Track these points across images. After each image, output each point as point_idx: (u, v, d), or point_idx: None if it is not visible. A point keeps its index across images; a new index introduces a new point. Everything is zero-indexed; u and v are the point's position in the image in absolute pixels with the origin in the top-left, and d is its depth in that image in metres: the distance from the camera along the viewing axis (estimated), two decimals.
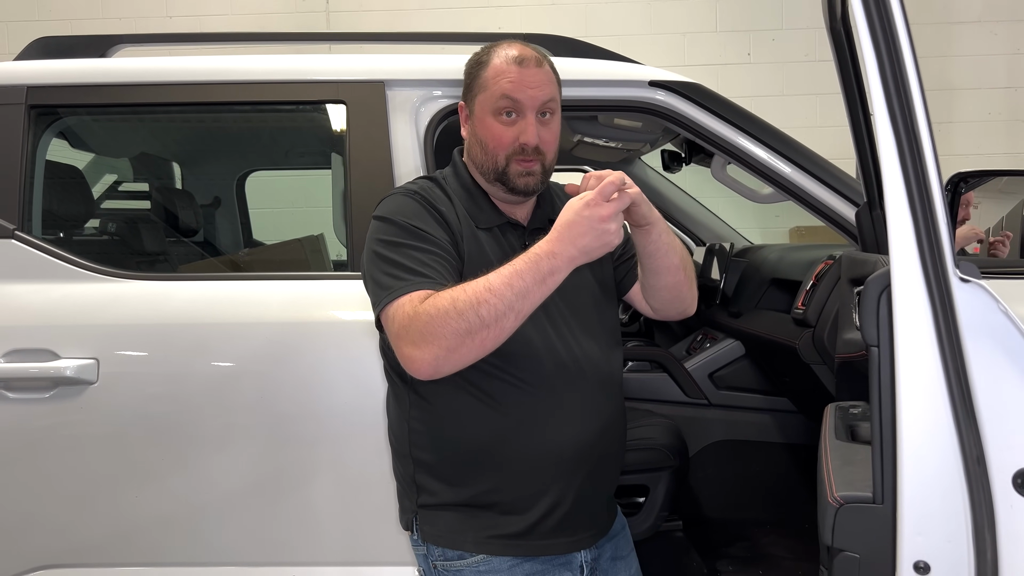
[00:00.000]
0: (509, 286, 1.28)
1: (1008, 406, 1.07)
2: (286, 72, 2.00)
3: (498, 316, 1.27)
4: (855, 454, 1.30)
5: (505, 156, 1.49)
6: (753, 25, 5.60)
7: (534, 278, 1.28)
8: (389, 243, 1.43)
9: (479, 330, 1.27)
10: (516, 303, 1.28)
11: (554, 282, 1.31)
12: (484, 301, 1.27)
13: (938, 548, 1.08)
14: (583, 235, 1.29)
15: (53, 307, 1.82)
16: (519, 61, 1.49)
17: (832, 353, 1.89)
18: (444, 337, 1.28)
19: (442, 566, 1.50)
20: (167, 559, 1.83)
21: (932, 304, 1.06)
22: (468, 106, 1.56)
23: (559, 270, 1.30)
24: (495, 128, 1.49)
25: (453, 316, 1.27)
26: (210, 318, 1.83)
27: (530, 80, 1.48)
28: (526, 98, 1.48)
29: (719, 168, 2.27)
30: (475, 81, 1.53)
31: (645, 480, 2.34)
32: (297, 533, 1.82)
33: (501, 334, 1.30)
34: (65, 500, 1.81)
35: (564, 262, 1.30)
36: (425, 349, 1.29)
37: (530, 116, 1.49)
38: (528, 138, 1.48)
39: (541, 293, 1.30)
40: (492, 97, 1.48)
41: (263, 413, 1.80)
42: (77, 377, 1.76)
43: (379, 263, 1.42)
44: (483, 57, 1.54)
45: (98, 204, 2.71)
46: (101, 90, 1.99)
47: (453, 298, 1.29)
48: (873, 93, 1.08)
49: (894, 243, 1.08)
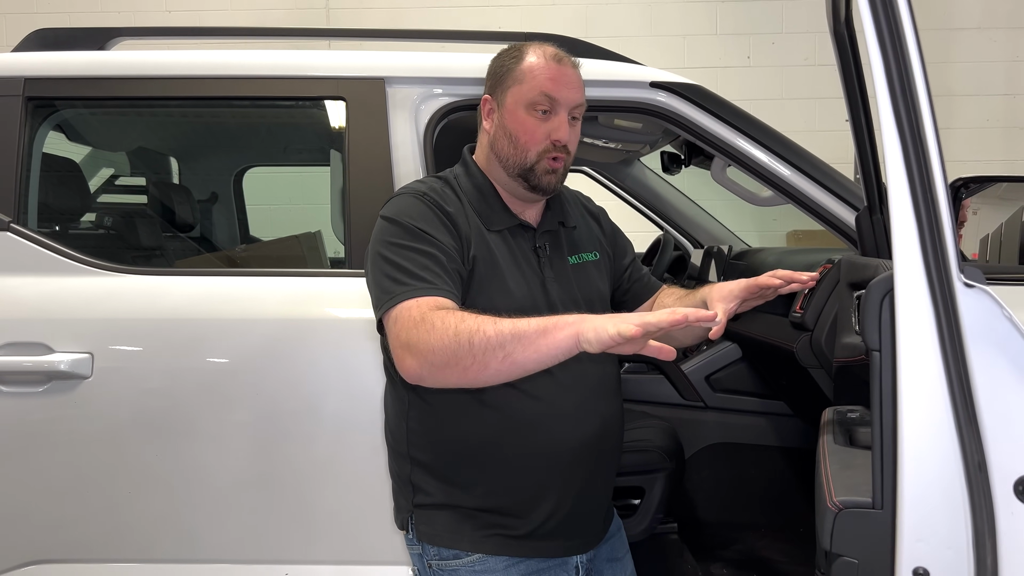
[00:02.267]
0: (513, 326, 1.24)
1: (1010, 412, 1.07)
2: (286, 68, 1.99)
3: (485, 350, 1.24)
4: (854, 458, 1.29)
5: (537, 152, 1.49)
6: (753, 28, 5.60)
7: (537, 329, 1.23)
8: (394, 245, 1.41)
9: (465, 358, 1.25)
10: (509, 344, 1.23)
11: (555, 341, 1.22)
12: (480, 331, 1.25)
13: (938, 554, 1.07)
14: (605, 319, 1.20)
15: (48, 301, 1.81)
16: (558, 59, 1.49)
17: (830, 357, 1.89)
18: (434, 352, 1.27)
19: (437, 565, 1.49)
20: (160, 555, 1.82)
21: (935, 309, 1.05)
22: (496, 99, 1.53)
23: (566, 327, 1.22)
24: (528, 123, 1.48)
25: (450, 336, 1.26)
26: (206, 314, 1.82)
27: (568, 79, 1.49)
28: (563, 96, 1.48)
29: (719, 171, 2.26)
30: (508, 74, 1.51)
31: (641, 482, 2.34)
32: (291, 531, 1.81)
33: (484, 370, 1.25)
34: (58, 495, 1.80)
35: (573, 329, 1.21)
36: (416, 356, 1.30)
37: (563, 114, 1.49)
38: (561, 135, 1.48)
39: (536, 349, 1.22)
40: (530, 91, 1.48)
41: (258, 410, 1.79)
42: (71, 371, 1.75)
43: (383, 265, 1.41)
44: (518, 53, 1.52)
45: (95, 198, 2.69)
46: (100, 83, 1.97)
47: (459, 319, 1.28)
48: (879, 96, 1.08)
49: (898, 247, 1.07)
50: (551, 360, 1.24)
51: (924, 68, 1.06)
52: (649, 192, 3.45)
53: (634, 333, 1.13)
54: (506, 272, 1.47)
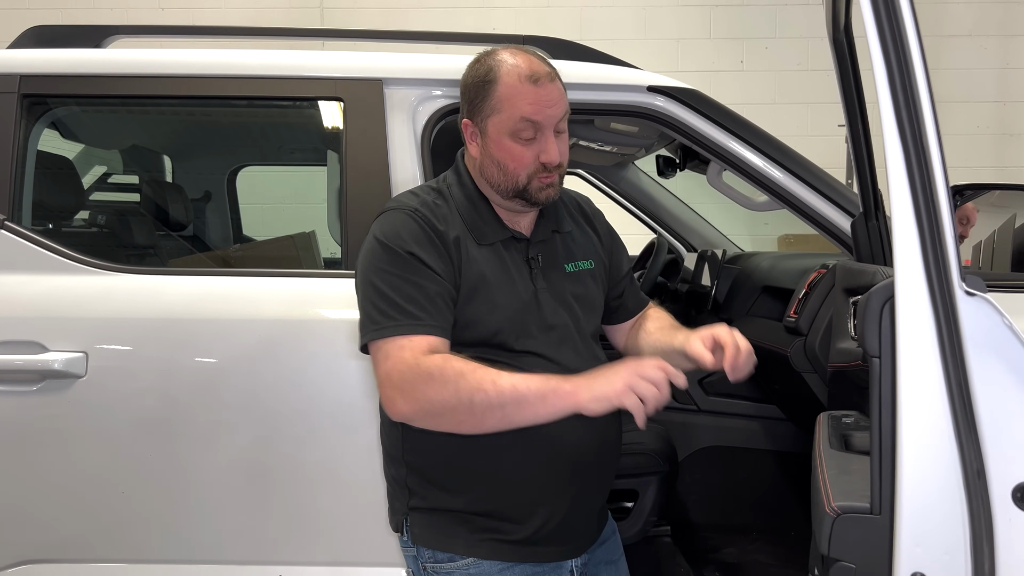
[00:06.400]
0: (513, 387, 1.29)
1: (1010, 420, 1.07)
2: (283, 68, 1.98)
3: (485, 409, 1.29)
4: (850, 463, 1.30)
5: (527, 175, 1.45)
6: (747, 33, 5.62)
7: (537, 393, 1.28)
8: (385, 272, 1.39)
9: (463, 414, 1.31)
10: (509, 406, 1.29)
11: (553, 410, 1.29)
12: (481, 390, 1.29)
13: (936, 560, 1.08)
14: (613, 375, 1.28)
15: (42, 299, 1.80)
16: (533, 79, 1.42)
17: (824, 362, 1.89)
18: (431, 403, 1.31)
19: (431, 568, 1.49)
20: (153, 556, 1.81)
21: (936, 316, 1.06)
22: (477, 125, 1.48)
23: (565, 396, 1.28)
24: (515, 150, 1.44)
25: (451, 392, 1.30)
26: (200, 314, 1.81)
27: (547, 98, 1.43)
28: (546, 118, 1.43)
29: (715, 175, 2.27)
30: (485, 101, 1.45)
31: (634, 485, 2.34)
32: (285, 532, 1.80)
33: (479, 426, 1.32)
34: (50, 494, 1.79)
35: (572, 397, 1.28)
36: (410, 402, 1.33)
37: (549, 134, 1.45)
38: (550, 157, 1.45)
39: (534, 413, 1.29)
40: (510, 120, 1.43)
41: (252, 410, 1.78)
42: (65, 370, 1.73)
43: (372, 293, 1.40)
44: (490, 74, 1.45)
45: (88, 196, 2.68)
46: (95, 81, 1.96)
47: (458, 373, 1.30)
48: (881, 103, 1.08)
49: (899, 255, 1.07)
50: (548, 421, 1.31)
51: (927, 76, 1.07)
52: (643, 195, 3.46)
53: (635, 409, 1.24)
54: (494, 287, 1.45)
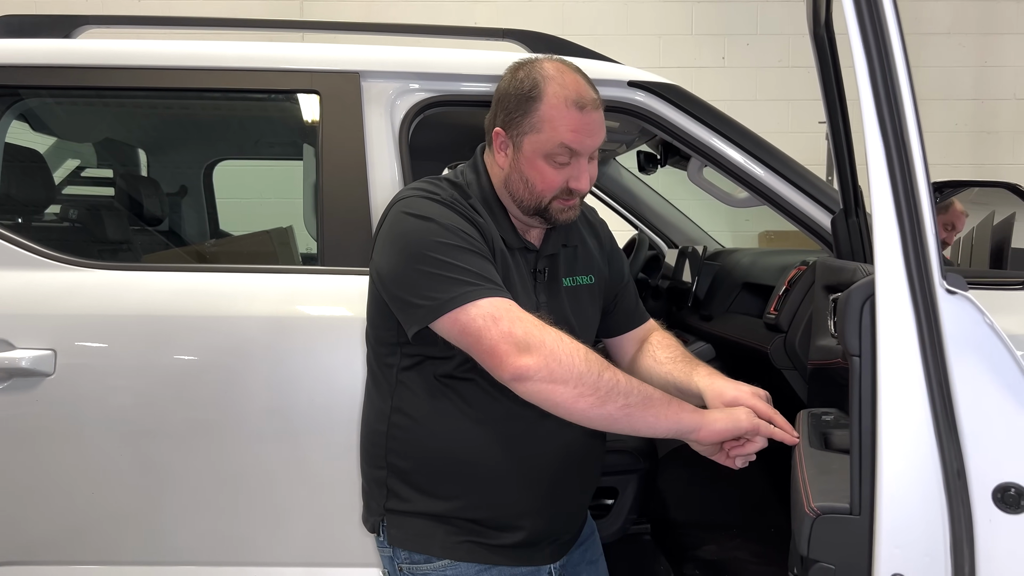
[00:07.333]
0: (641, 384, 1.32)
1: (990, 420, 1.07)
2: (259, 60, 1.95)
3: (610, 391, 1.27)
4: (830, 463, 1.29)
5: (551, 197, 1.42)
6: (728, 29, 5.63)
7: (665, 399, 1.32)
8: (448, 247, 1.32)
9: (587, 387, 1.27)
10: (634, 397, 1.29)
11: (676, 419, 1.32)
12: (611, 370, 1.29)
13: (915, 561, 1.07)
14: (721, 421, 1.35)
15: (10, 295, 1.76)
16: (580, 105, 1.37)
17: (804, 359, 1.89)
18: (560, 364, 1.26)
19: (408, 568, 1.47)
20: (124, 558, 1.79)
21: (917, 315, 1.05)
22: (511, 138, 1.42)
23: (691, 412, 1.34)
24: (547, 172, 1.40)
25: (581, 358, 1.28)
26: (173, 310, 1.78)
27: (589, 127, 1.39)
28: (584, 147, 1.40)
29: (696, 171, 2.26)
30: (525, 117, 1.39)
31: (614, 483, 2.33)
32: (259, 532, 1.78)
33: (598, 408, 1.27)
34: (18, 495, 1.75)
35: (698, 416, 1.34)
36: (538, 357, 1.26)
37: (583, 161, 1.41)
38: (580, 185, 1.42)
39: (656, 414, 1.31)
40: (549, 143, 1.38)
41: (226, 409, 1.76)
42: (33, 368, 1.70)
43: (439, 266, 1.31)
44: (534, 89, 1.39)
45: (59, 190, 2.63)
46: (66, 72, 1.93)
47: (584, 348, 1.30)
48: (862, 99, 1.07)
49: (879, 252, 1.06)
50: (661, 431, 1.31)
51: (909, 71, 1.06)
52: (624, 191, 3.45)
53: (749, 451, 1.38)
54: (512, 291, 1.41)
